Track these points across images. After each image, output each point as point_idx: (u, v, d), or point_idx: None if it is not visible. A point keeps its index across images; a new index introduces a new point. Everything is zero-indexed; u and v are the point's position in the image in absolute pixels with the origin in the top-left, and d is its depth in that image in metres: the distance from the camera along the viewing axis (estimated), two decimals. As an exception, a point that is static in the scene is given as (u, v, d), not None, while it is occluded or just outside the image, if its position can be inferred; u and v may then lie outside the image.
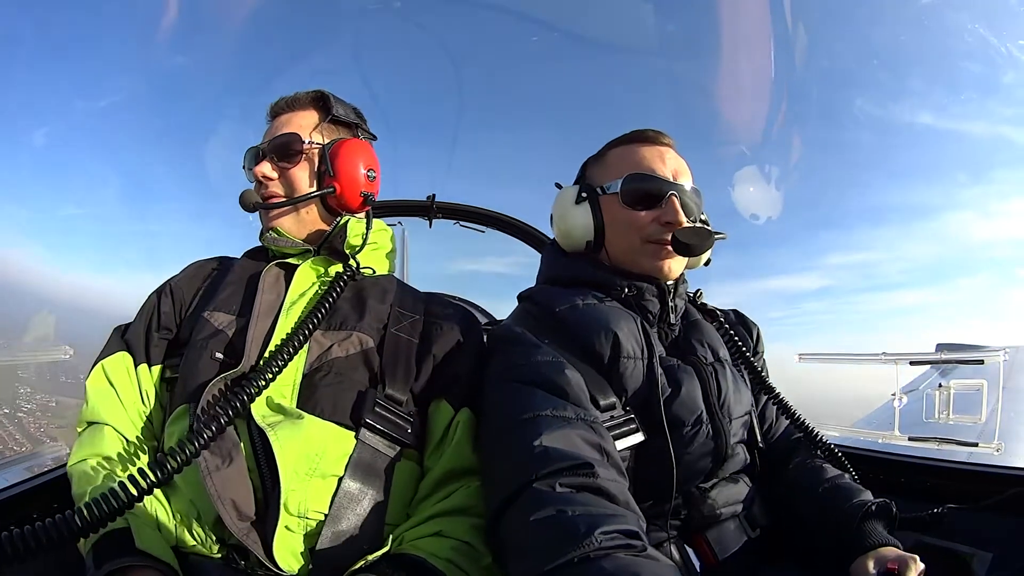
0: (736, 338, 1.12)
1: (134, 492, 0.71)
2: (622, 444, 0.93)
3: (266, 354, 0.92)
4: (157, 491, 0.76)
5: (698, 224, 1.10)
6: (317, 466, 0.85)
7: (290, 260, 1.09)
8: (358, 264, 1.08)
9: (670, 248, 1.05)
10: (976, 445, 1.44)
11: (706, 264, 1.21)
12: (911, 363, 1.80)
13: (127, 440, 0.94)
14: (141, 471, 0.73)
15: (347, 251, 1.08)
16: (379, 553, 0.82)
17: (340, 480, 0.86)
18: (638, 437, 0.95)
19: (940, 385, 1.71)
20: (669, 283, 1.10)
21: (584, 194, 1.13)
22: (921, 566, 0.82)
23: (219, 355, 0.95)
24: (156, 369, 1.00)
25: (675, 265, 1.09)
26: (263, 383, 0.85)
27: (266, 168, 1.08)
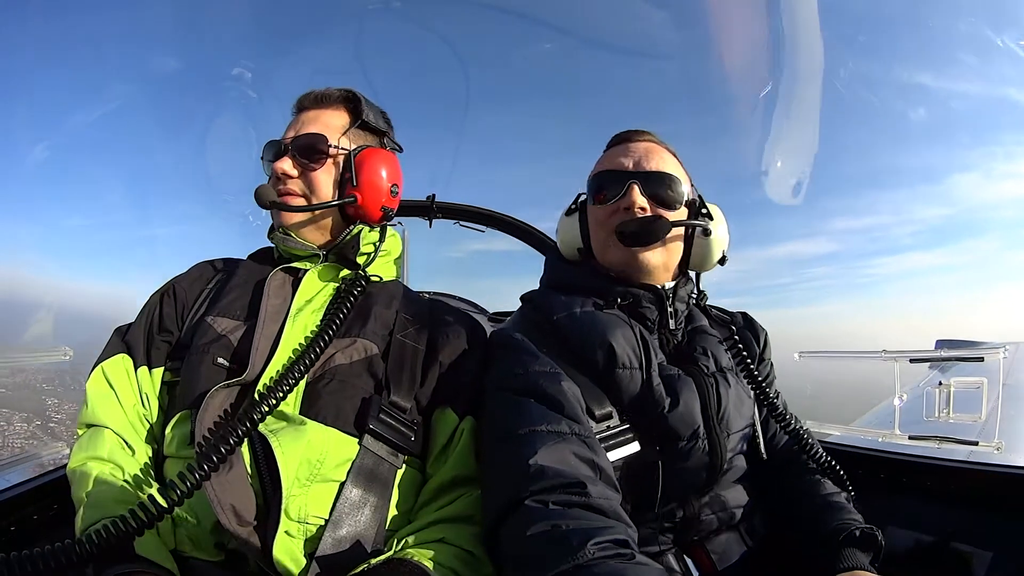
0: (740, 347, 1.08)
1: (145, 517, 0.71)
2: (617, 455, 0.93)
3: (272, 365, 0.91)
4: None
5: (664, 209, 1.04)
6: (319, 471, 0.85)
7: (296, 264, 1.08)
8: (367, 276, 1.06)
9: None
10: (976, 444, 1.44)
11: (720, 263, 1.14)
12: (911, 361, 1.79)
13: (126, 443, 0.93)
14: (151, 497, 0.72)
15: (359, 261, 1.07)
16: (382, 558, 0.81)
17: (342, 486, 0.86)
18: (633, 447, 0.95)
19: (940, 383, 1.70)
20: (668, 287, 1.08)
21: (574, 205, 1.17)
22: None
23: (223, 361, 0.94)
24: (157, 372, 1.00)
25: (651, 257, 1.04)
26: (274, 401, 0.83)
27: (287, 165, 1.04)
